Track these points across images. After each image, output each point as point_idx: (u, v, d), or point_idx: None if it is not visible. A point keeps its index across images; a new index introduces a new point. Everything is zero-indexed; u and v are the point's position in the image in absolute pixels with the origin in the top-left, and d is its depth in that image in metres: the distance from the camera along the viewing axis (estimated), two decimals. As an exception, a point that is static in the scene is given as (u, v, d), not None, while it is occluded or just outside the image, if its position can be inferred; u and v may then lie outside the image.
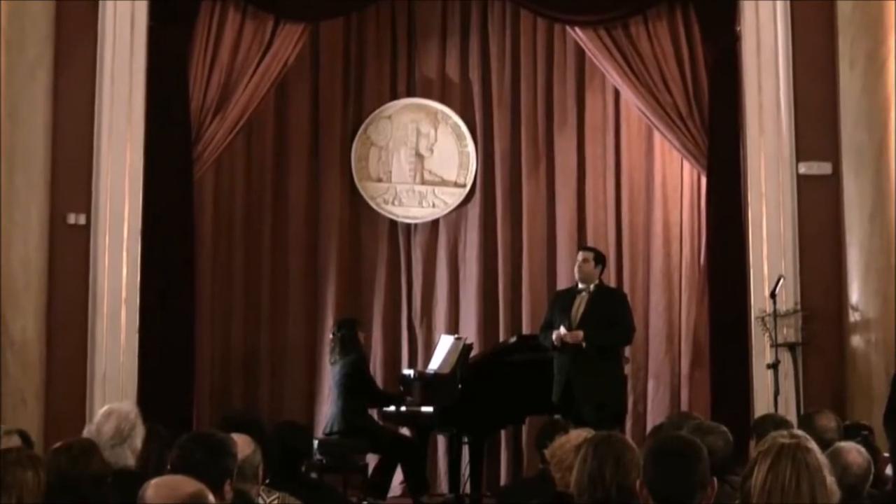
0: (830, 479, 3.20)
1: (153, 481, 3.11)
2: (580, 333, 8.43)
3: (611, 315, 8.58)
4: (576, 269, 8.79)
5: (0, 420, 7.86)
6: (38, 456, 3.98)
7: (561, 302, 8.78)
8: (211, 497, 3.08)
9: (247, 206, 10.84)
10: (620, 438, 3.85)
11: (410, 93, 11.15)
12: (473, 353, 9.70)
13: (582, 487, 3.71)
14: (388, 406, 9.68)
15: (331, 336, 9.77)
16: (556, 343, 8.49)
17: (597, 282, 8.71)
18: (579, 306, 8.60)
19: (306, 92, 10.98)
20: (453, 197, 11.00)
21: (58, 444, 4.21)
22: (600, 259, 8.82)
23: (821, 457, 3.23)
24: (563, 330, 8.46)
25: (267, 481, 4.67)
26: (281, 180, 10.93)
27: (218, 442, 3.89)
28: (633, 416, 10.12)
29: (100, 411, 4.85)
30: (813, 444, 3.26)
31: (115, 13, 9.34)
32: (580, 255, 8.83)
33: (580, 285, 8.71)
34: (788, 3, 9.42)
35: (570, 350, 8.44)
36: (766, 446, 3.26)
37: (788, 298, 9.13)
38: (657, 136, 10.35)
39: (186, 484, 3.10)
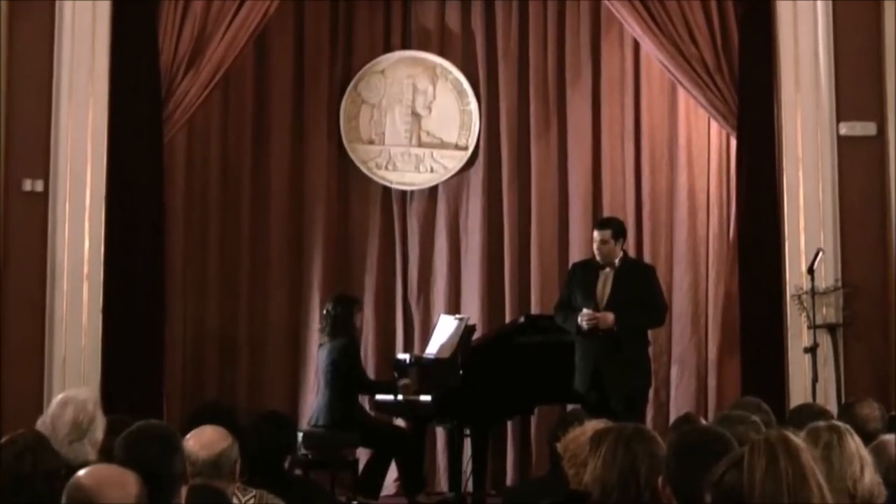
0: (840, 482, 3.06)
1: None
2: (611, 316, 8.40)
3: (640, 293, 8.54)
4: (595, 250, 8.68)
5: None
6: None
7: (581, 278, 8.70)
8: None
9: (223, 172, 10.83)
10: (651, 433, 3.83)
11: (406, 45, 11.11)
12: (476, 335, 9.69)
13: (608, 486, 3.68)
14: (379, 395, 9.67)
15: (323, 313, 9.71)
16: (584, 326, 8.43)
17: (620, 255, 8.67)
18: (605, 285, 8.53)
19: (289, 44, 10.94)
20: (454, 161, 10.97)
21: (2, 440, 4.20)
22: (620, 232, 8.71)
23: (813, 455, 2.84)
24: (589, 311, 8.39)
25: (245, 479, 4.66)
26: (261, 143, 10.89)
27: (172, 436, 3.91)
28: (654, 406, 10.12)
29: (53, 401, 4.84)
30: (801, 441, 2.86)
31: (74, -45, 9.33)
32: (596, 235, 8.67)
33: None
34: (828, -56, 9.40)
35: (599, 335, 8.38)
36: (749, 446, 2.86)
37: (828, 274, 9.12)
38: (681, 94, 10.32)
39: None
